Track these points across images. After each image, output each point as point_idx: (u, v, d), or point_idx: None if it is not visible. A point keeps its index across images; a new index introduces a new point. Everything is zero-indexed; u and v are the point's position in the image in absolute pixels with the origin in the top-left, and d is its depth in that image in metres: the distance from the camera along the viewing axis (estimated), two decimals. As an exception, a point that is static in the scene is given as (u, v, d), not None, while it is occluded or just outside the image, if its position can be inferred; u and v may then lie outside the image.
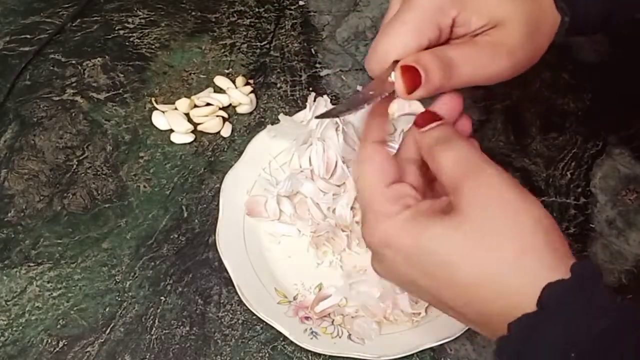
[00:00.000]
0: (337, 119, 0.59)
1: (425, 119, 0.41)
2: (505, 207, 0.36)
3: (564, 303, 0.34)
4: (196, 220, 0.58)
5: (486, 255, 0.35)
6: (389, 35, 0.42)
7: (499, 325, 0.35)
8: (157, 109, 0.64)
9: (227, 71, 0.67)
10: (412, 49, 0.41)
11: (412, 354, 0.51)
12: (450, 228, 0.36)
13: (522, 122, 0.65)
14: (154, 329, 0.53)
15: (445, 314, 0.39)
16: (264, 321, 0.52)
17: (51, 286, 0.55)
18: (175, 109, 0.64)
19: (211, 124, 0.63)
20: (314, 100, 0.61)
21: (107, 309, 0.54)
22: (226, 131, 0.63)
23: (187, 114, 0.64)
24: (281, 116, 0.60)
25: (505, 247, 0.35)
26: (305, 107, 0.62)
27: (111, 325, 0.53)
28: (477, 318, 0.37)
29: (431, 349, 0.52)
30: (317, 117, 0.52)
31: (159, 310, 0.54)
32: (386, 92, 0.41)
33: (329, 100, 0.60)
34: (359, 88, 0.65)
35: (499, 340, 0.35)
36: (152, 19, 0.71)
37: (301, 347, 0.51)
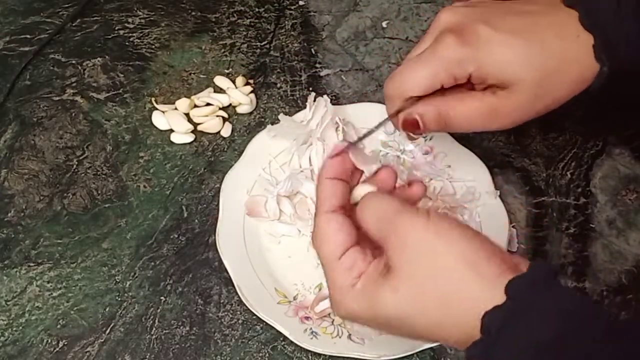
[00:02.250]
0: (337, 119, 0.59)
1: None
2: (427, 255, 0.38)
3: (503, 327, 0.35)
4: (196, 220, 0.58)
5: (424, 307, 0.38)
6: (409, 71, 0.48)
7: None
8: (157, 109, 0.64)
9: (227, 71, 0.67)
10: (425, 89, 0.47)
11: (412, 354, 0.51)
12: (391, 292, 0.38)
13: (522, 122, 0.65)
14: (154, 329, 0.53)
15: None
16: (264, 321, 0.52)
17: (51, 286, 0.55)
18: (175, 109, 0.64)
19: (211, 124, 0.63)
20: (314, 100, 0.61)
21: (107, 309, 0.54)
22: (226, 131, 0.63)
23: (187, 114, 0.64)
24: (281, 116, 0.60)
25: (437, 294, 0.37)
26: (305, 107, 0.62)
27: (111, 325, 0.53)
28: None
29: (431, 349, 0.52)
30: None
31: (159, 310, 0.54)
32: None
33: (329, 100, 0.60)
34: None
35: None
36: (152, 19, 0.71)
37: (301, 347, 0.51)
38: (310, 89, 0.66)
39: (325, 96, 0.61)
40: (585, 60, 0.46)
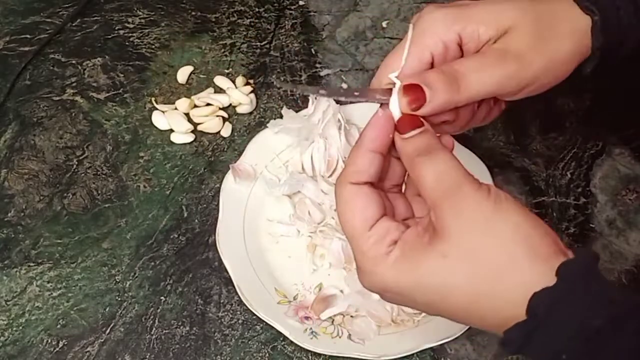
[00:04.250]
0: (339, 117, 0.59)
1: (406, 124, 0.40)
2: (484, 224, 0.36)
3: (551, 310, 0.34)
4: (196, 220, 0.58)
5: (475, 276, 0.36)
6: (391, 55, 0.43)
7: (499, 332, 0.37)
8: (157, 109, 0.64)
9: (227, 71, 0.67)
10: (418, 62, 0.42)
11: (412, 354, 0.51)
12: (439, 258, 0.37)
13: (522, 122, 0.65)
14: (154, 329, 0.53)
15: None
16: (264, 321, 0.52)
17: (51, 286, 0.55)
18: (175, 109, 0.64)
19: (211, 124, 0.63)
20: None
21: (107, 309, 0.54)
22: (226, 131, 0.63)
23: (187, 114, 0.64)
24: (284, 110, 0.60)
25: (490, 265, 0.36)
26: (305, 107, 0.61)
27: (111, 325, 0.53)
28: (478, 326, 0.38)
29: (431, 349, 0.52)
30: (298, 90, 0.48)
31: (159, 310, 0.54)
32: (375, 100, 0.41)
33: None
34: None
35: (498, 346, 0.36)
36: (152, 19, 0.71)
37: (301, 347, 0.51)
38: (310, 89, 0.66)
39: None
40: (576, 16, 0.43)
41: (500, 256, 0.36)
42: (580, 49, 0.44)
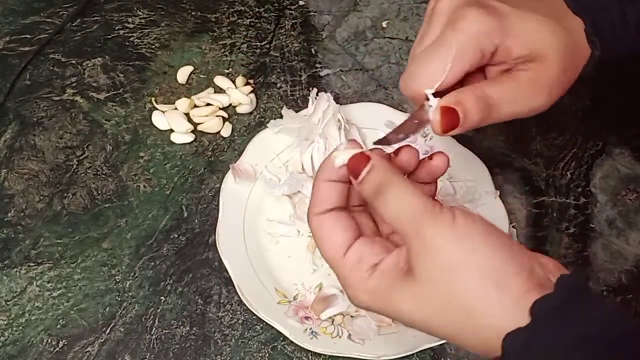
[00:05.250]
0: (339, 117, 0.59)
1: (355, 165, 0.39)
2: (448, 266, 0.36)
3: (524, 350, 0.34)
4: (196, 220, 0.58)
5: (445, 319, 0.36)
6: (431, 59, 0.41)
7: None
8: (157, 109, 0.64)
9: (227, 71, 0.67)
10: (455, 74, 0.41)
11: (412, 354, 0.51)
12: (409, 298, 0.37)
13: (522, 122, 0.65)
14: (154, 329, 0.53)
15: None
16: (264, 321, 0.52)
17: (51, 286, 0.55)
18: (175, 109, 0.64)
19: (211, 124, 0.63)
20: (316, 96, 0.60)
21: (107, 309, 0.54)
22: (226, 131, 0.63)
23: (187, 114, 0.64)
24: (284, 110, 0.60)
25: (458, 309, 0.35)
26: (305, 107, 0.62)
27: (111, 325, 0.53)
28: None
29: (431, 349, 0.52)
30: (375, 143, 0.46)
31: (159, 310, 0.54)
32: (426, 123, 0.41)
33: (331, 97, 0.60)
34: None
35: None
36: (152, 19, 0.71)
37: (301, 347, 0.51)
38: (310, 88, 0.65)
39: (328, 93, 0.61)
40: (584, 41, 0.44)
41: (468, 301, 0.35)
42: (581, 69, 0.45)
